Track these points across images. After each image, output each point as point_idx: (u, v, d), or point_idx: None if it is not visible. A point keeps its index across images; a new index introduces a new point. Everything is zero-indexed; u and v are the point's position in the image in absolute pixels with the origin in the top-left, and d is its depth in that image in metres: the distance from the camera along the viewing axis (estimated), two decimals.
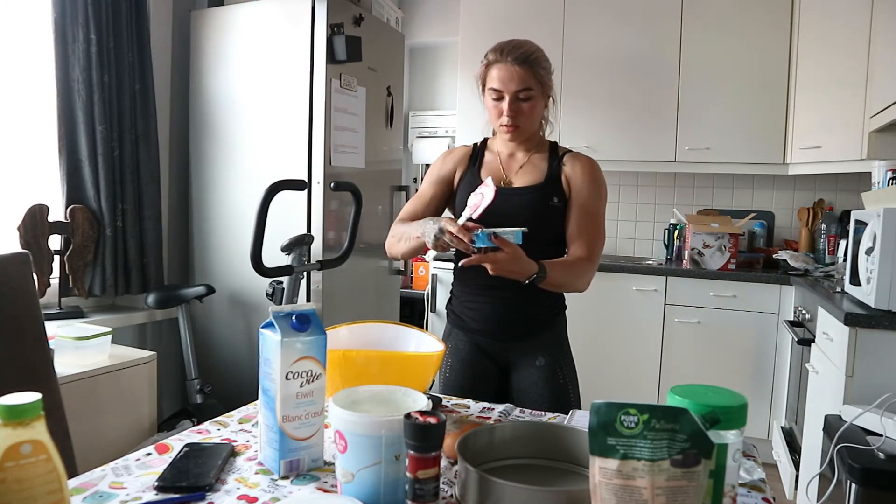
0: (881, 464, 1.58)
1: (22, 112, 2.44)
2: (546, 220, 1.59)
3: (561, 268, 1.51)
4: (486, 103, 1.61)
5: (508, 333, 1.64)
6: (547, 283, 1.47)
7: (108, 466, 1.01)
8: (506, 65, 1.53)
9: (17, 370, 1.29)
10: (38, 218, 2.32)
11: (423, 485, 0.81)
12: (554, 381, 1.63)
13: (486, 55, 1.58)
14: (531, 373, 1.63)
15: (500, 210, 1.55)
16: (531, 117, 1.58)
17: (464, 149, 1.73)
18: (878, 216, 1.98)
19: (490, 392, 1.66)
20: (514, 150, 1.67)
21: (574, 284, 1.56)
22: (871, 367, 1.99)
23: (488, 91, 1.58)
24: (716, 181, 3.78)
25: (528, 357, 1.64)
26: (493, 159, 1.68)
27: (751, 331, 3.15)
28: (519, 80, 1.53)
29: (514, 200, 1.60)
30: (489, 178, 1.43)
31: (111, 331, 2.22)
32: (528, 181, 1.62)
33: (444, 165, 1.72)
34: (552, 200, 1.59)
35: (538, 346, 1.64)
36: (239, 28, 2.81)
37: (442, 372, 1.69)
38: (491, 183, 1.41)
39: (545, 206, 1.59)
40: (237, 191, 2.83)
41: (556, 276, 1.48)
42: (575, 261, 1.57)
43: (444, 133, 4.30)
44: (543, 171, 1.62)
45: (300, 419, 0.99)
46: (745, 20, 3.31)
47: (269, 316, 1.00)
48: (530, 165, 1.64)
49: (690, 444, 0.71)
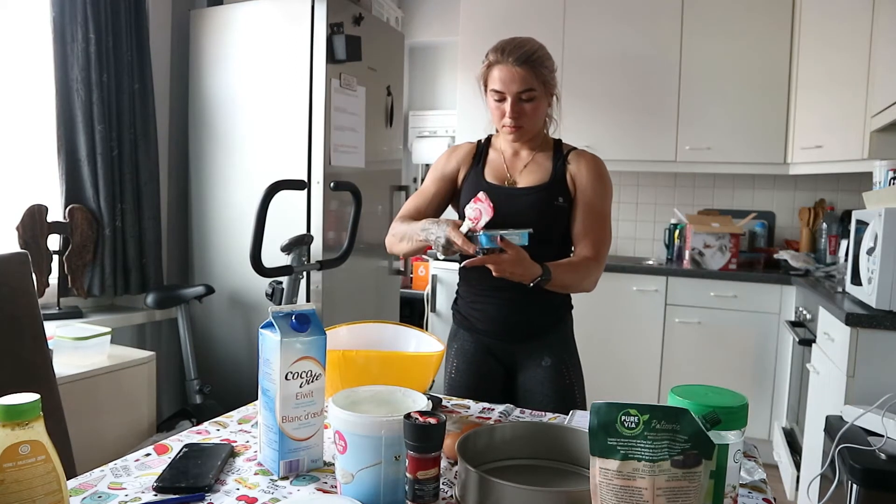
0: (882, 464, 1.58)
1: (21, 112, 2.44)
2: (551, 220, 1.58)
3: (566, 269, 1.50)
4: (489, 104, 1.59)
5: (514, 334, 1.63)
6: (552, 284, 1.46)
7: (107, 467, 1.00)
8: (507, 66, 1.50)
9: (16, 370, 1.29)
10: (37, 218, 2.32)
11: (423, 485, 0.81)
12: (560, 382, 1.62)
13: (487, 55, 1.55)
14: (537, 373, 1.63)
15: (504, 210, 1.54)
16: (534, 117, 1.57)
17: (468, 146, 1.72)
18: (880, 216, 1.98)
19: (496, 392, 1.65)
20: (518, 148, 1.65)
21: (581, 285, 1.55)
22: (872, 368, 1.98)
23: (490, 92, 1.56)
24: (716, 181, 3.78)
25: (534, 357, 1.63)
26: (497, 158, 1.66)
27: (752, 331, 3.15)
28: (521, 81, 1.51)
29: (518, 201, 1.58)
30: (483, 194, 1.38)
31: (110, 331, 2.22)
32: (532, 181, 1.60)
33: (447, 163, 1.70)
34: (557, 200, 1.58)
35: (544, 346, 1.63)
36: (238, 28, 2.80)
37: (447, 373, 1.68)
38: (485, 198, 1.37)
39: (550, 207, 1.57)
40: (237, 191, 2.83)
41: (561, 277, 1.47)
42: (581, 261, 1.55)
43: (444, 133, 4.30)
44: (548, 170, 1.60)
45: (300, 419, 0.99)
46: (746, 20, 3.31)
47: (269, 316, 1.00)
48: (535, 164, 1.62)
49: (691, 444, 0.71)
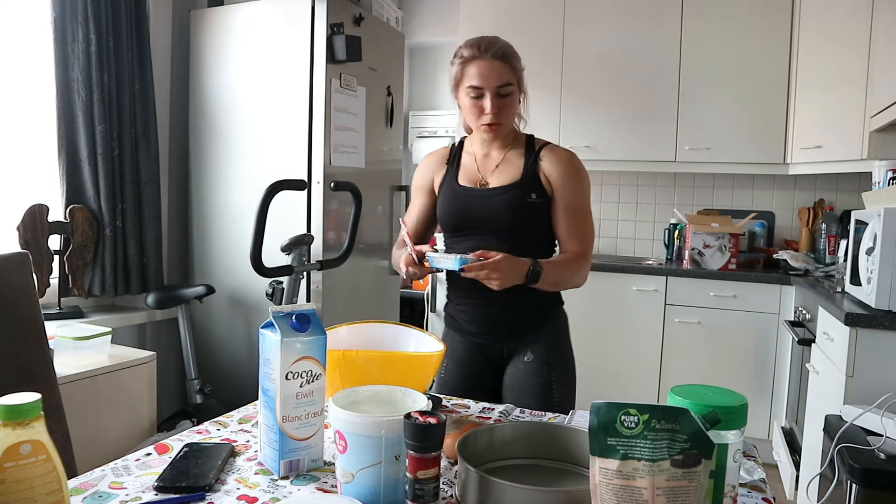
0: (882, 464, 1.58)
1: (22, 112, 2.44)
2: (525, 218, 1.57)
3: (556, 265, 1.53)
4: (463, 102, 1.58)
5: (500, 333, 1.64)
6: (543, 282, 1.48)
7: (107, 467, 1.01)
8: (485, 61, 1.50)
9: (17, 370, 1.29)
10: (38, 218, 2.32)
11: (423, 485, 0.81)
12: (538, 377, 1.60)
13: (460, 53, 1.55)
14: (518, 368, 1.63)
15: (478, 212, 1.58)
16: (511, 113, 1.57)
17: (441, 151, 1.72)
18: (879, 216, 1.98)
19: (485, 391, 1.65)
20: (489, 149, 1.64)
21: (571, 281, 1.57)
22: (871, 368, 1.98)
23: (465, 90, 1.54)
24: (716, 181, 3.78)
25: (519, 354, 1.64)
26: (469, 160, 1.65)
27: (751, 331, 3.15)
28: (500, 76, 1.51)
29: (491, 201, 1.57)
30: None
31: (111, 331, 2.22)
32: (504, 180, 1.59)
33: (422, 176, 1.72)
34: (530, 197, 1.56)
35: (528, 343, 1.63)
36: (238, 28, 2.80)
37: (438, 373, 1.69)
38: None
39: (523, 204, 1.56)
40: (237, 191, 2.83)
41: (551, 273, 1.49)
42: (569, 257, 1.57)
43: (444, 133, 4.30)
44: (520, 168, 1.59)
45: (300, 419, 0.99)
46: (745, 20, 3.31)
47: (269, 316, 1.00)
48: (506, 163, 1.61)
49: (691, 444, 0.71)
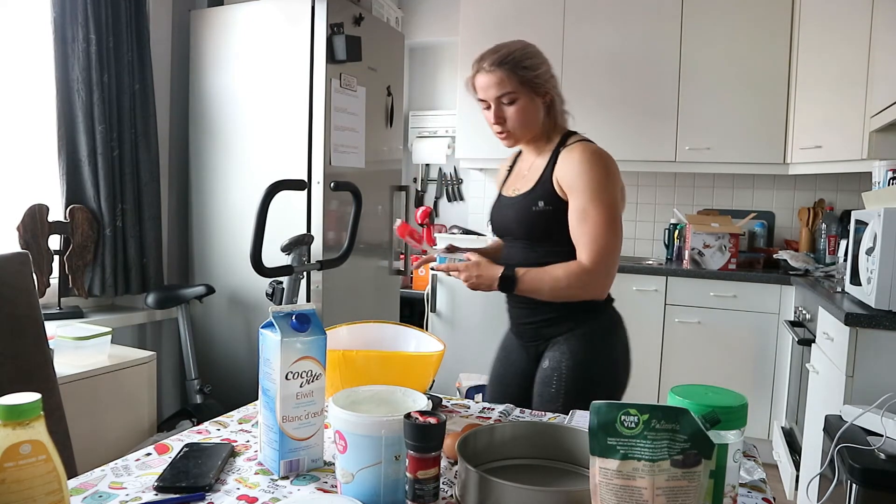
0: (882, 464, 1.58)
1: (22, 112, 2.44)
2: (531, 227, 1.53)
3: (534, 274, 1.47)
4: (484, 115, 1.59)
5: (525, 336, 1.66)
6: (520, 289, 1.48)
7: (107, 467, 1.01)
8: (484, 73, 1.51)
9: (17, 370, 1.29)
10: (38, 218, 2.32)
11: (423, 485, 0.81)
12: (547, 387, 1.55)
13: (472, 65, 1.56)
14: (538, 372, 1.61)
15: (501, 222, 1.64)
16: (520, 120, 1.52)
17: (509, 158, 1.77)
18: (879, 216, 1.98)
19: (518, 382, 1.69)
20: (527, 154, 1.65)
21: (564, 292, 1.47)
22: (871, 367, 1.98)
23: (479, 102, 1.57)
24: (716, 181, 3.78)
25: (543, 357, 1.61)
26: (515, 168, 1.70)
27: (751, 331, 3.15)
28: (497, 86, 1.49)
29: (505, 211, 1.61)
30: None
31: (111, 331, 2.22)
32: (522, 188, 1.58)
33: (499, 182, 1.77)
34: (536, 206, 1.51)
35: (549, 350, 1.60)
36: (238, 28, 2.80)
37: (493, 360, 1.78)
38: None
39: (528, 213, 1.53)
40: (237, 191, 2.83)
41: (529, 281, 1.47)
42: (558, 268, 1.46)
43: (444, 133, 4.29)
44: (539, 174, 1.56)
45: (300, 419, 0.99)
46: (745, 20, 3.31)
47: (269, 316, 1.00)
48: (533, 170, 1.59)
49: (691, 444, 0.71)
